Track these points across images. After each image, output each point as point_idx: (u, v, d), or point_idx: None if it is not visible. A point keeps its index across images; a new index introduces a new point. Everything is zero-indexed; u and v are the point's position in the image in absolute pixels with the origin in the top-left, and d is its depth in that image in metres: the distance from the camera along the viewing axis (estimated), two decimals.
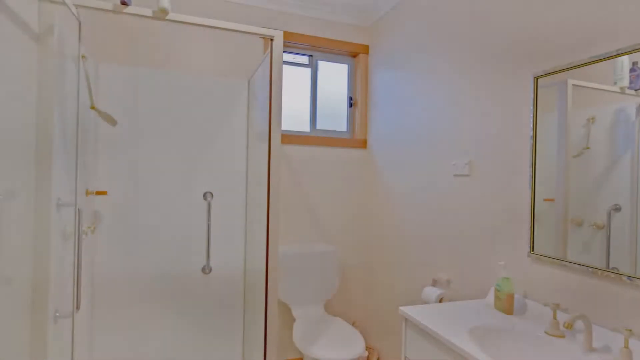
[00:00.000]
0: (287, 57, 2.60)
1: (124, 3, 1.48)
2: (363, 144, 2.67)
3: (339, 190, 2.62)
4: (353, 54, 2.72)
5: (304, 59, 2.65)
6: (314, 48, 2.60)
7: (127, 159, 2.13)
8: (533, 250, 1.38)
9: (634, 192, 1.08)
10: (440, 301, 1.83)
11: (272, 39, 1.71)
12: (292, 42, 2.51)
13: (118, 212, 2.12)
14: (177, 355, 2.23)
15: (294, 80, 2.63)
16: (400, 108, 2.28)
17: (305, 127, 2.65)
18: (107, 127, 2.10)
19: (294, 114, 2.62)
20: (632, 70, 1.09)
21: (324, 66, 2.70)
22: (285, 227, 2.48)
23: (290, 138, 2.46)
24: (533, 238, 1.38)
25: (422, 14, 2.09)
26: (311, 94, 2.66)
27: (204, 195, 2.29)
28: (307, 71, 2.66)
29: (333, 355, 1.81)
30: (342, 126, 2.75)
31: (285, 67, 2.60)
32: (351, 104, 2.75)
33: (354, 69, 2.76)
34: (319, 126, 2.67)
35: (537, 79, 1.38)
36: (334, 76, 2.74)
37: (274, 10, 2.46)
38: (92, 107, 1.76)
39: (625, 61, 1.10)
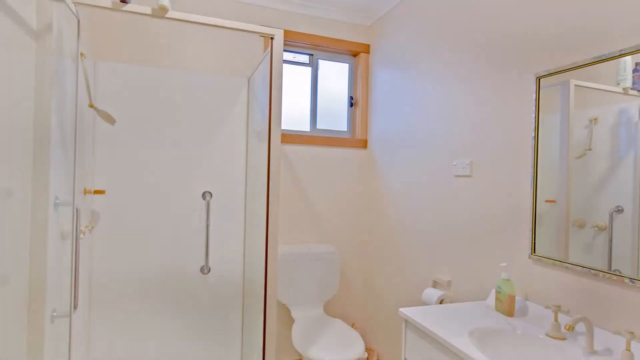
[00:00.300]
0: (287, 55, 2.59)
1: (123, 1, 1.47)
2: (363, 144, 2.66)
3: (339, 191, 2.61)
4: (354, 53, 2.71)
5: (305, 58, 2.64)
6: (314, 47, 2.59)
7: (126, 158, 2.12)
8: (534, 252, 1.38)
9: (636, 193, 1.07)
10: (441, 303, 1.82)
11: (272, 38, 1.70)
12: (293, 41, 2.50)
13: (116, 211, 2.11)
14: (175, 355, 2.22)
15: (295, 79, 2.62)
16: (401, 108, 2.27)
17: (306, 127, 2.64)
18: (105, 126, 2.09)
19: (294, 113, 2.61)
20: (635, 70, 1.08)
21: (324, 65, 2.69)
22: (285, 227, 2.47)
23: (290, 138, 2.45)
24: (534, 239, 1.37)
25: (424, 12, 2.08)
26: (311, 93, 2.65)
27: (203, 195, 2.28)
28: (308, 70, 2.65)
29: (332, 356, 1.80)
30: (342, 126, 2.74)
31: (285, 66, 2.59)
32: (352, 103, 2.74)
33: (354, 68, 2.75)
34: (319, 126, 2.66)
35: (539, 79, 1.37)
36: (335, 75, 2.73)
37: (275, 8, 2.45)
38: (91, 106, 1.75)
39: (628, 62, 1.09)
